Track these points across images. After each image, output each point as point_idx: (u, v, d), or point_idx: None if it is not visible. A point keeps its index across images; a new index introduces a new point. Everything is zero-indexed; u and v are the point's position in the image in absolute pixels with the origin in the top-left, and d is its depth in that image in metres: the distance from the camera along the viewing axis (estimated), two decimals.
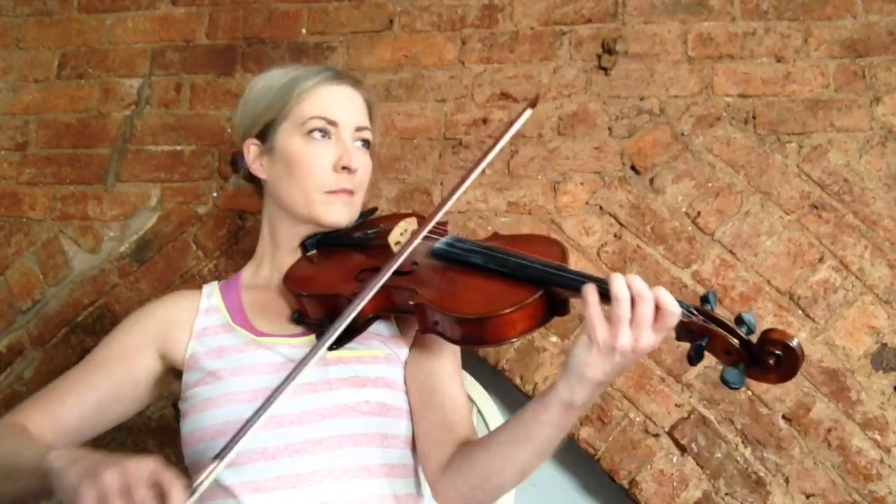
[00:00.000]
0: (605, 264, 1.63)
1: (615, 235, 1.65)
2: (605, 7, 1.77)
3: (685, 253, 1.62)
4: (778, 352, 0.86)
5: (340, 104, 1.22)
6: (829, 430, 1.48)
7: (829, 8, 1.69)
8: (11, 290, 1.84)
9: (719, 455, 1.50)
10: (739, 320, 0.89)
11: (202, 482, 0.85)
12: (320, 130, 1.20)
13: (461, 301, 1.01)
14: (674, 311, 0.87)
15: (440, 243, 1.13)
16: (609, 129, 1.71)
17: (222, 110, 1.87)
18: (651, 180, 1.67)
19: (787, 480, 1.47)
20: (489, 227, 1.68)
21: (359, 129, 1.24)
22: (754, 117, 1.67)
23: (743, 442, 1.50)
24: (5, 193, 1.90)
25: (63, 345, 1.79)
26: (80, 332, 1.79)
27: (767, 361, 0.86)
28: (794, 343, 0.85)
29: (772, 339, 0.86)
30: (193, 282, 1.77)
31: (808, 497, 1.46)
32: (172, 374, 1.20)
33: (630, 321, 0.87)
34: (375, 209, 1.36)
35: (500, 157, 1.73)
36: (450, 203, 1.10)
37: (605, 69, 1.74)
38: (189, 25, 1.93)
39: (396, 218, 1.27)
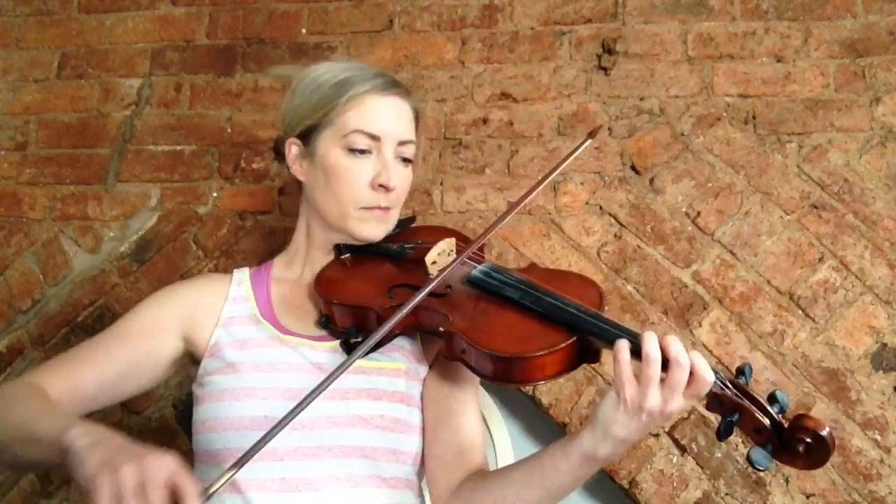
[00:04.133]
0: (605, 264, 1.63)
1: (615, 235, 1.65)
2: (605, 7, 1.77)
3: (685, 253, 1.62)
4: (808, 439, 0.84)
5: (386, 117, 1.19)
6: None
7: (829, 8, 1.69)
8: (11, 290, 1.84)
9: (719, 455, 1.50)
10: (772, 399, 0.87)
11: (217, 488, 0.83)
12: (361, 147, 1.17)
13: (492, 336, 0.99)
14: (707, 381, 0.86)
15: (477, 270, 1.11)
16: (609, 129, 1.71)
17: (222, 110, 1.87)
18: (651, 180, 1.67)
19: (787, 480, 1.47)
20: None
21: (402, 143, 1.20)
22: (754, 117, 1.67)
23: (743, 442, 1.50)
24: (5, 193, 1.90)
25: (63, 345, 1.78)
26: (80, 332, 1.79)
27: (797, 448, 0.84)
28: (825, 433, 0.83)
29: (803, 426, 0.84)
30: None
31: (808, 497, 1.46)
32: (190, 357, 1.19)
33: (662, 383, 0.86)
34: (414, 218, 1.34)
35: (500, 157, 1.73)
36: (494, 230, 1.08)
37: (605, 69, 1.74)
38: (189, 25, 1.93)
39: (435, 232, 1.25)
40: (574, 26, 1.77)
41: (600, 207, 1.67)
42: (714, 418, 1.42)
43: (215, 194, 1.83)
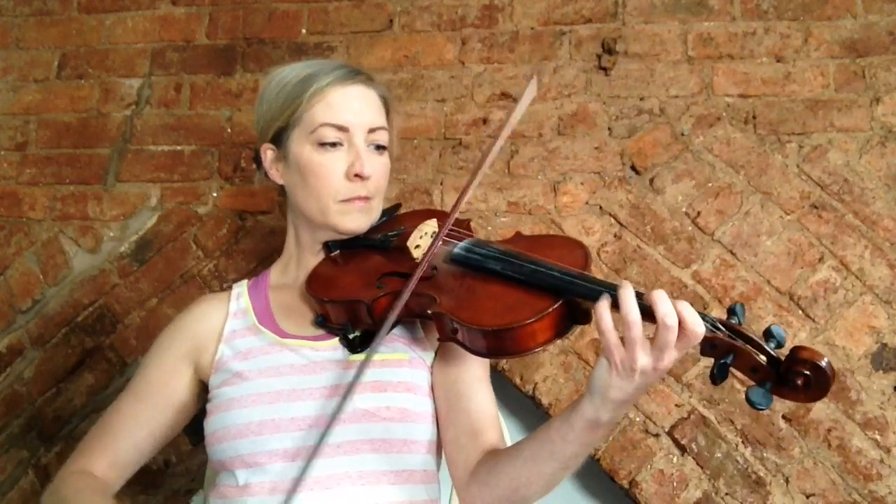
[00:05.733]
0: (605, 264, 1.63)
1: (615, 235, 1.65)
2: (605, 7, 1.77)
3: (685, 253, 1.62)
4: (807, 371, 0.81)
5: (352, 107, 1.19)
6: (829, 430, 1.48)
7: (829, 8, 1.69)
8: (11, 290, 1.84)
9: (719, 455, 1.50)
10: (768, 334, 0.84)
11: None
12: (331, 140, 1.17)
13: (479, 311, 0.98)
14: (698, 333, 0.82)
15: (458, 248, 1.10)
16: (609, 129, 1.71)
17: (222, 110, 1.87)
18: (651, 180, 1.67)
19: (787, 480, 1.47)
20: (489, 227, 1.68)
21: (372, 130, 1.20)
22: (754, 117, 1.67)
23: (743, 442, 1.50)
24: (5, 193, 1.90)
25: (63, 345, 1.79)
26: (80, 332, 1.79)
27: (795, 381, 0.81)
28: (824, 363, 0.80)
29: (801, 357, 0.81)
30: (193, 282, 1.77)
31: (808, 497, 1.46)
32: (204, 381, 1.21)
33: (651, 342, 0.84)
34: (399, 205, 1.33)
35: (500, 157, 1.73)
36: (463, 200, 1.06)
37: (605, 69, 1.74)
38: (189, 25, 1.93)
39: (420, 216, 1.23)
40: (574, 26, 1.77)
41: (600, 207, 1.67)
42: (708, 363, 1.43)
43: (215, 194, 1.83)
